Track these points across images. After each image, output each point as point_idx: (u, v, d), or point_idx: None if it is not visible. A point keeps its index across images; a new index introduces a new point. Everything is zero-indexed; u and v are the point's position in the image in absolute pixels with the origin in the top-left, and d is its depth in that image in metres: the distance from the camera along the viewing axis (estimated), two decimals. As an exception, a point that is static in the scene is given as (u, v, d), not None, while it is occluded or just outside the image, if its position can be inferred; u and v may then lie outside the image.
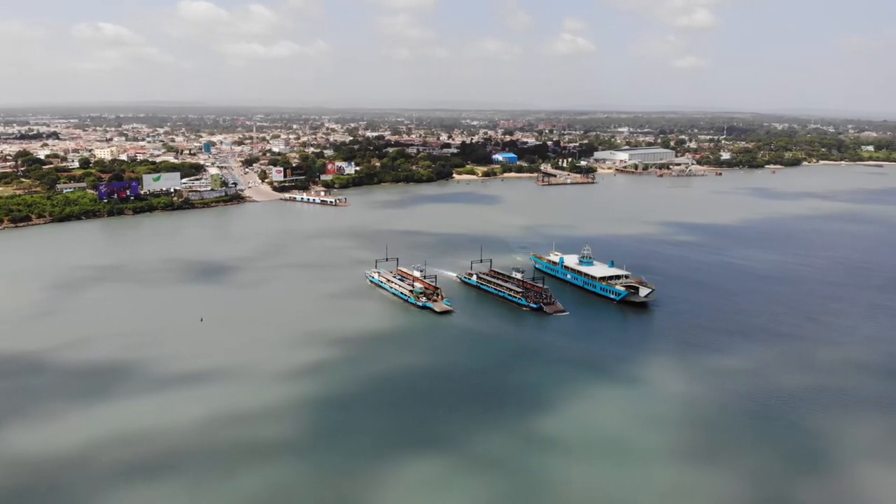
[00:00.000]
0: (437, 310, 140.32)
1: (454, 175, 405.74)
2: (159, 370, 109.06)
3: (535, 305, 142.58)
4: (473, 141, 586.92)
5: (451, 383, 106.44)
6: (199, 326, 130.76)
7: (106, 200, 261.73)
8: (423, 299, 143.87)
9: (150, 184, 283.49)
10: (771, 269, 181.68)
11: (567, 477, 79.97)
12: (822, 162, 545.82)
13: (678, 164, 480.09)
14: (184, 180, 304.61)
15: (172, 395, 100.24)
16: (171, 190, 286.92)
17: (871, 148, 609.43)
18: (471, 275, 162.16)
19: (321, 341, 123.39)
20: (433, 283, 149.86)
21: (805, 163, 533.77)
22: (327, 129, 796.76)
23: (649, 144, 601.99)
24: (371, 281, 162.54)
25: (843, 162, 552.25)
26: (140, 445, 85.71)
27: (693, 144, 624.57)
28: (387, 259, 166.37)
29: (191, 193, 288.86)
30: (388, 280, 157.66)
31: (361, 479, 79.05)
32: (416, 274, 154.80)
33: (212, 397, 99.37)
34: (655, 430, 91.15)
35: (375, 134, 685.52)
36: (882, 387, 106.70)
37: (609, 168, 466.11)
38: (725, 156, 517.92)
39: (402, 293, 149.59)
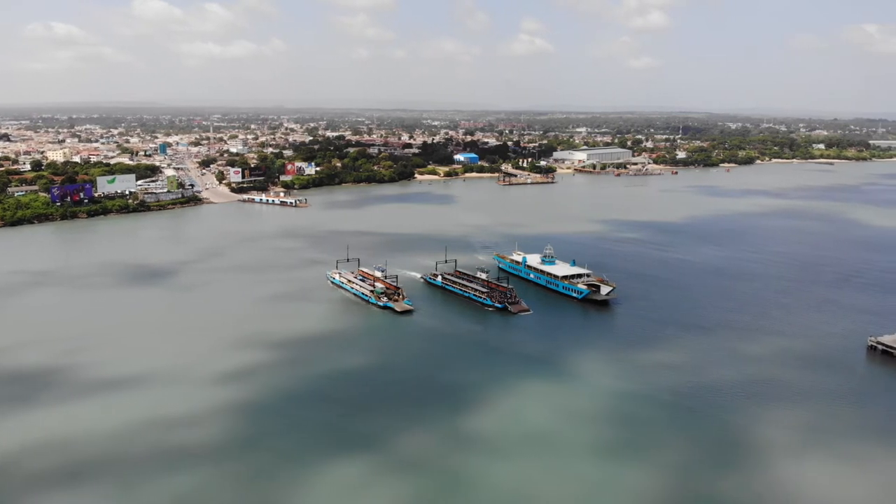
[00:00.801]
0: (398, 310, 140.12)
1: (416, 175, 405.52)
2: (91, 375, 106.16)
3: (499, 305, 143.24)
4: (435, 141, 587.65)
5: (397, 383, 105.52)
6: (135, 331, 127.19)
7: (59, 204, 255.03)
8: (384, 299, 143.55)
9: (105, 186, 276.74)
10: (726, 266, 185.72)
11: (495, 474, 79.86)
12: (774, 160, 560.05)
13: (635, 164, 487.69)
14: (139, 182, 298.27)
15: (102, 400, 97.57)
16: (127, 192, 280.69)
17: (821, 146, 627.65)
18: (436, 275, 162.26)
19: (271, 343, 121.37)
20: (395, 284, 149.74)
21: (758, 161, 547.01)
22: (286, 129, 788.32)
23: (607, 144, 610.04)
24: (332, 282, 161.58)
25: (794, 160, 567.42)
26: (64, 452, 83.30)
27: (649, 144, 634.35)
28: (348, 260, 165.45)
29: (146, 196, 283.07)
30: (349, 280, 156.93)
31: (284, 481, 78.26)
32: (378, 274, 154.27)
33: (142, 402, 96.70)
34: (596, 426, 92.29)
35: (336, 134, 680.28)
36: (825, 379, 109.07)
37: (568, 168, 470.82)
38: (681, 155, 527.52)
39: (362, 293, 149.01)
